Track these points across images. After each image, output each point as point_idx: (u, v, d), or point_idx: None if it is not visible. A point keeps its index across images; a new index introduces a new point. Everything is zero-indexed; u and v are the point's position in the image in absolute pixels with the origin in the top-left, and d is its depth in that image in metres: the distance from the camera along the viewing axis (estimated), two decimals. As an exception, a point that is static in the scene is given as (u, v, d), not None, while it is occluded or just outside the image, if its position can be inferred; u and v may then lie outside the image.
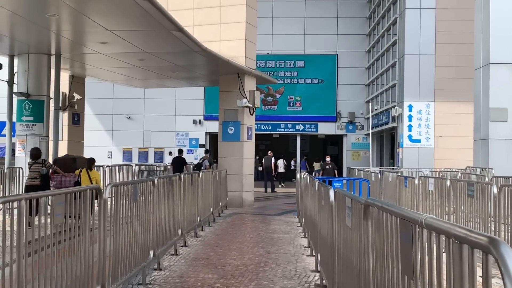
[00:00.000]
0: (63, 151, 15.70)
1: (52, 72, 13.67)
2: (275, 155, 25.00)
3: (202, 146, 31.26)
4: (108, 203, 5.27)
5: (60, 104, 15.24)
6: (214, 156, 23.57)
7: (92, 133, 29.87)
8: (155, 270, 7.07)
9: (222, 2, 16.38)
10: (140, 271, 6.33)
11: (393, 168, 23.32)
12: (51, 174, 11.18)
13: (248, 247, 9.10)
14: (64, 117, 16.92)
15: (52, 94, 13.91)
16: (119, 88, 29.44)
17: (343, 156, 31.91)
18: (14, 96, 13.58)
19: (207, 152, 18.54)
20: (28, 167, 11.33)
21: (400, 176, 13.01)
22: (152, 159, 31.38)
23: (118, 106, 31.62)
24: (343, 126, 30.96)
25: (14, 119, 13.97)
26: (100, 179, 12.19)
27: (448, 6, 24.15)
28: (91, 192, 4.88)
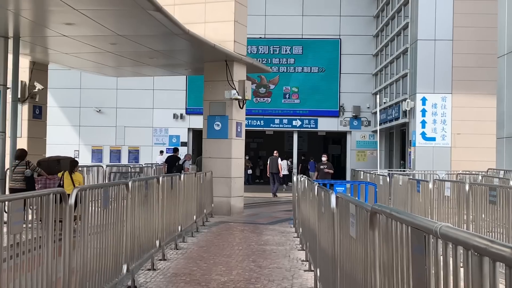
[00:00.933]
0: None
1: (10, 57, 13.57)
2: (270, 154, 25.19)
3: (184, 144, 31.23)
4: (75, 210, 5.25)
5: (19, 95, 15.13)
6: (197, 156, 23.51)
7: (56, 128, 29.73)
8: (129, 287, 7.06)
9: (207, -22, 16.38)
10: (111, 289, 6.32)
11: (404, 170, 23.41)
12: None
13: (236, 261, 9.10)
14: (24, 110, 16.81)
15: (9, 84, 13.81)
16: (88, 77, 29.32)
17: (346, 156, 32.00)
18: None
19: (176, 151, 18.51)
20: (12, 169, 12.13)
21: (412, 179, 13.06)
22: (126, 159, 31.31)
23: (86, 98, 31.49)
24: (347, 122, 31.06)
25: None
26: (84, 183, 12.39)
27: (467, -16, 24.30)
28: (54, 196, 4.86)
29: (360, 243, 3.95)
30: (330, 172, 19.26)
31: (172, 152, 18.64)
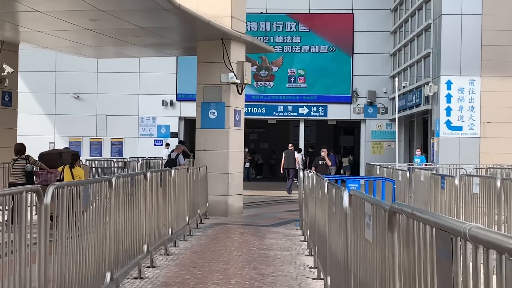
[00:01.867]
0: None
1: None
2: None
3: (175, 135, 31.25)
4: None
5: (-15, 80, 15.15)
6: (190, 149, 23.58)
7: (28, 117, 29.73)
8: (113, 298, 7.09)
9: None
10: (93, 300, 6.34)
11: (426, 164, 23.41)
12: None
13: (235, 268, 9.12)
14: (-9, 96, 16.81)
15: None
16: (65, 59, 29.27)
17: (360, 149, 32.02)
18: None
19: (182, 143, 18.53)
20: (11, 164, 13.23)
21: (435, 174, 13.07)
22: (108, 152, 31.34)
23: (62, 83, 31.47)
24: (361, 109, 31.05)
25: None
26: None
27: (499, -50, 24.20)
28: (28, 195, 4.87)
29: (377, 247, 3.96)
30: (332, 168, 19.27)
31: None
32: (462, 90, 24.10)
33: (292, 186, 24.40)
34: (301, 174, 13.50)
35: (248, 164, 32.56)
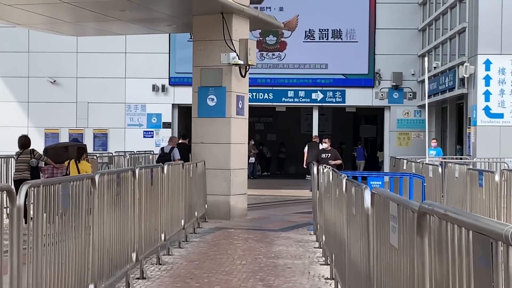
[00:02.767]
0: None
1: None
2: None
3: (167, 125, 31.25)
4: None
5: None
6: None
7: (-3, 106, 29.82)
8: (98, 315, 7.11)
9: None
10: (74, 317, 6.36)
11: (461, 158, 23.36)
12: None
13: (239, 280, 9.14)
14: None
15: None
16: (39, 38, 29.28)
17: (384, 140, 31.96)
18: None
19: (184, 137, 18.42)
20: (15, 158, 14.42)
21: (472, 169, 13.05)
22: (91, 145, 31.32)
23: (37, 65, 31.46)
24: (385, 94, 30.97)
25: None
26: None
27: None
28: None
29: (404, 254, 3.96)
30: (337, 164, 18.23)
31: (182, 139, 18.47)
32: (504, 71, 24.02)
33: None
34: (314, 169, 13.49)
35: (253, 159, 32.56)
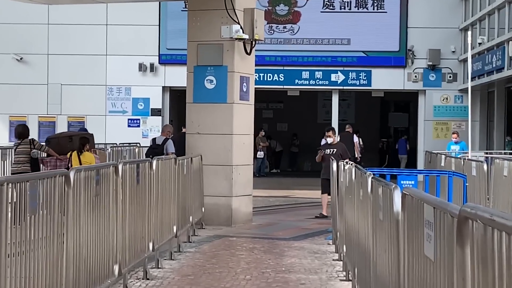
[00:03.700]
0: None
1: None
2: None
3: (157, 113, 31.24)
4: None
5: None
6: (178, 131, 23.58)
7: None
8: None
9: None
10: None
11: (511, 153, 23.31)
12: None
13: (242, 298, 9.13)
14: None
15: None
16: (2, 6, 29.28)
17: (418, 131, 31.90)
18: None
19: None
20: (13, 149, 15.64)
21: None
22: (65, 136, 31.39)
23: (0, 39, 31.47)
24: (419, 76, 30.91)
25: None
26: None
27: None
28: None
29: (441, 267, 3.96)
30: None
31: (183, 129, 18.51)
32: (562, 48, 23.96)
33: None
34: (334, 166, 13.46)
35: (262, 154, 32.54)
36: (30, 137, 15.49)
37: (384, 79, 31.09)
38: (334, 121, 31.49)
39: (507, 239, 2.89)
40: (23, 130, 15.48)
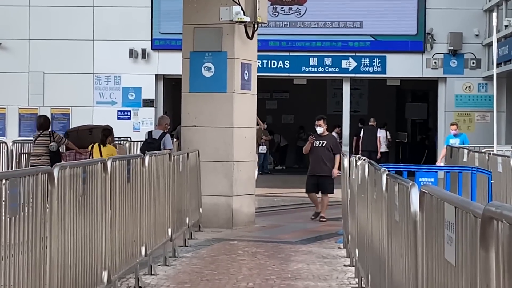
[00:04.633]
0: None
1: None
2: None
3: (150, 104, 31.24)
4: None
5: None
6: (173, 126, 23.56)
7: None
8: None
9: None
10: None
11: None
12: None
13: (244, 308, 9.16)
14: None
15: None
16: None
17: (438, 123, 31.87)
18: None
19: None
20: (33, 141, 16.80)
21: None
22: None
23: (-24, 23, 31.51)
24: (439, 62, 30.86)
25: None
26: None
27: None
28: None
29: (463, 272, 3.96)
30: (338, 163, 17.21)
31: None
32: None
33: None
34: (345, 162, 13.47)
35: (264, 148, 32.49)
36: (49, 129, 16.70)
37: (400, 66, 31.00)
38: (345, 112, 31.45)
39: (536, 241, 2.91)
40: (44, 122, 16.61)
